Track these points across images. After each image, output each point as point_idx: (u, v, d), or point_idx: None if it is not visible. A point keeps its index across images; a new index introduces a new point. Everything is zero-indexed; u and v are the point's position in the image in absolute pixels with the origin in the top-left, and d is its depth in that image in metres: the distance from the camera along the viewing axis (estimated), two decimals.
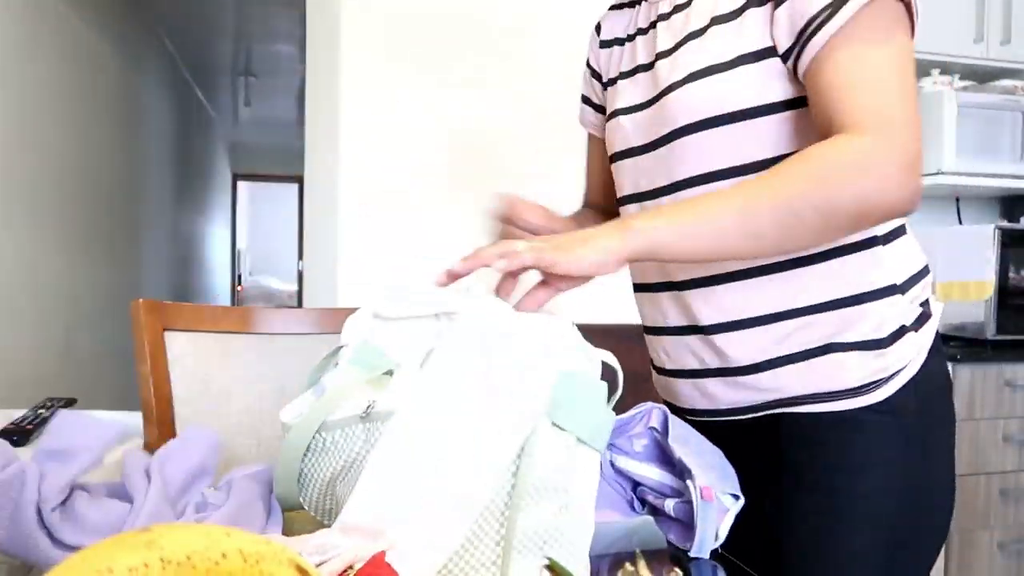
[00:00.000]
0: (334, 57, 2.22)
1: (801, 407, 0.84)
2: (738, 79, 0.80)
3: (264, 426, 1.27)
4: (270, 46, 5.47)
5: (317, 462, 0.72)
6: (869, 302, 0.82)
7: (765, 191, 0.72)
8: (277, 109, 7.24)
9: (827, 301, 0.82)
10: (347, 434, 0.70)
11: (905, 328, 0.83)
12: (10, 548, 0.64)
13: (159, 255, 5.03)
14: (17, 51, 2.63)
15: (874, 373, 0.81)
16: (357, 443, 0.69)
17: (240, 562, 0.32)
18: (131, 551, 0.29)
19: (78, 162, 3.27)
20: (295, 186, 9.05)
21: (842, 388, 0.82)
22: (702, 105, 0.82)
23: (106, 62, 3.68)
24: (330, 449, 0.71)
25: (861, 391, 0.82)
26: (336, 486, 0.71)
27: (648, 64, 0.91)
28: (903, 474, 0.82)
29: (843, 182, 0.70)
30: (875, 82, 0.72)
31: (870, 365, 0.81)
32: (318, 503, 0.74)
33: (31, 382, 2.73)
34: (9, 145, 2.58)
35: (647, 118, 0.90)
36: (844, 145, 0.71)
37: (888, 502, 0.82)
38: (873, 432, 0.82)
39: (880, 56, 0.72)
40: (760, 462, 0.86)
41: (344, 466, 0.70)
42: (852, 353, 0.81)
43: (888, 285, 0.82)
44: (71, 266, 3.19)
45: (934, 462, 0.85)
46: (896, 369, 0.82)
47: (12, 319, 2.63)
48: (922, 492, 0.83)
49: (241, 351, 1.28)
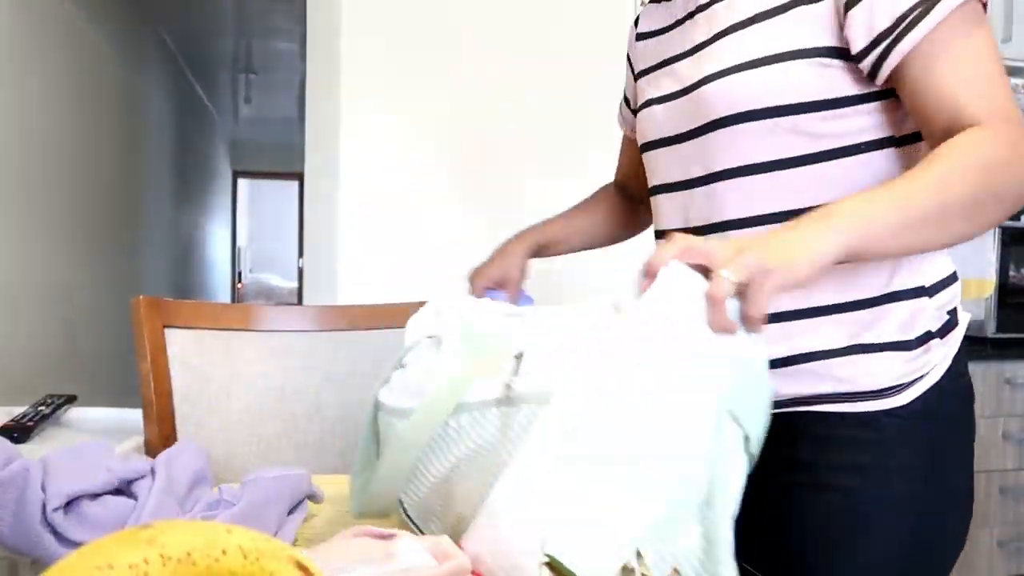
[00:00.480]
0: (335, 54, 2.21)
1: (822, 406, 0.82)
2: (781, 75, 0.79)
3: (265, 423, 1.27)
4: (271, 43, 5.46)
5: (434, 453, 0.63)
6: (895, 302, 0.81)
7: (953, 181, 0.69)
8: (277, 106, 7.23)
9: (853, 300, 0.81)
10: (476, 419, 0.62)
11: (931, 334, 0.82)
12: (15, 545, 0.65)
13: (159, 252, 5.02)
14: (18, 48, 2.63)
15: (899, 376, 0.80)
16: (488, 429, 0.61)
17: (240, 559, 0.32)
18: (131, 548, 0.29)
19: (79, 159, 3.27)
20: (295, 183, 9.04)
21: (866, 389, 0.81)
22: (741, 98, 0.81)
23: (107, 59, 3.68)
24: (452, 438, 0.62)
25: (885, 393, 0.80)
26: (452, 483, 0.62)
27: (685, 54, 0.91)
28: (923, 481, 0.81)
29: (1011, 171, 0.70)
30: (986, 76, 0.73)
31: (895, 367, 0.80)
32: (423, 503, 0.65)
33: (32, 379, 2.73)
34: (9, 142, 2.58)
35: (682, 107, 0.89)
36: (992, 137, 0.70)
37: (906, 509, 0.80)
38: (895, 437, 0.80)
39: (981, 50, 0.73)
40: (776, 460, 0.81)
41: (465, 456, 0.62)
42: (878, 354, 0.80)
43: (916, 287, 0.81)
44: (71, 263, 3.19)
45: (954, 471, 0.84)
46: (920, 374, 0.81)
47: (12, 316, 2.63)
48: (941, 501, 0.82)
49: (242, 348, 1.28)
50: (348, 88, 2.20)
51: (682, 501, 0.55)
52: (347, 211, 2.22)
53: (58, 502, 0.65)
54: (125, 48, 4.02)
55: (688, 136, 0.88)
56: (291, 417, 1.28)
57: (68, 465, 0.69)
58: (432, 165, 2.28)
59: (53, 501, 0.65)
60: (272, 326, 1.31)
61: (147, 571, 0.29)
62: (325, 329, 1.33)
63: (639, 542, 0.51)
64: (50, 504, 0.65)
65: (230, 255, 9.34)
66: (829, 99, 0.79)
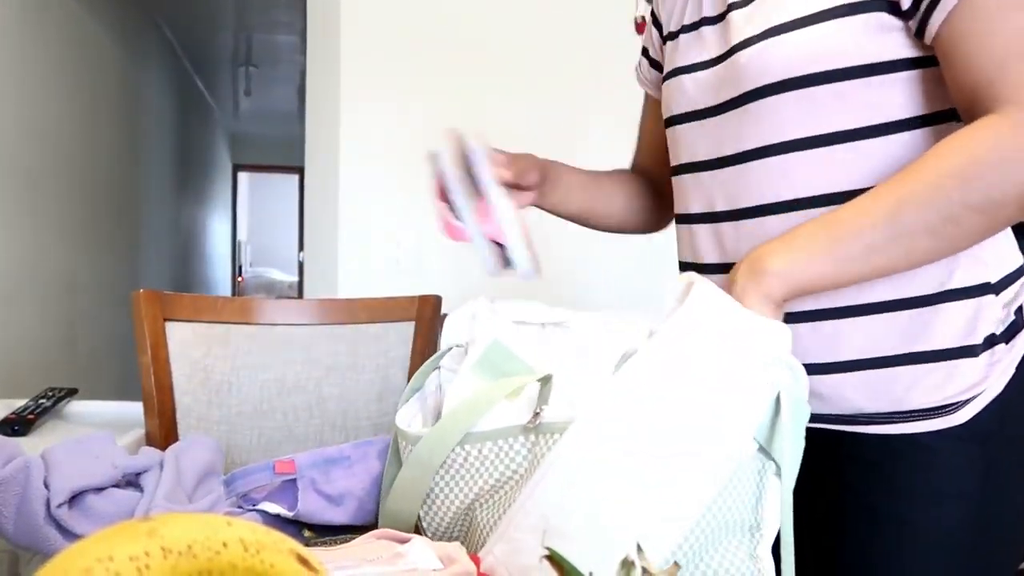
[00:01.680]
0: (335, 47, 2.21)
1: (865, 427, 0.73)
2: (829, 35, 0.69)
3: (265, 416, 1.27)
4: (271, 36, 5.45)
5: (456, 480, 0.61)
6: (950, 302, 0.70)
7: (911, 201, 0.63)
8: (278, 99, 7.22)
9: (897, 299, 0.71)
10: (501, 448, 0.59)
11: (995, 338, 0.71)
12: (19, 541, 0.65)
13: (159, 246, 5.02)
14: (18, 40, 2.62)
15: (953, 393, 0.70)
16: (516, 459, 0.58)
17: (241, 551, 0.32)
18: (132, 540, 0.29)
19: (78, 152, 3.27)
20: (296, 177, 9.04)
21: (912, 408, 0.71)
22: (783, 64, 0.71)
23: (107, 52, 3.67)
24: (475, 465, 0.60)
25: (935, 413, 0.71)
26: (476, 509, 0.61)
27: (717, 17, 0.80)
28: (979, 508, 0.71)
29: (1001, 174, 0.61)
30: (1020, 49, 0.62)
31: (955, 379, 0.70)
32: (448, 529, 0.63)
33: (32, 372, 2.73)
34: (9, 135, 2.58)
35: (713, 77, 0.79)
36: (989, 133, 0.62)
37: (961, 539, 0.71)
38: (949, 460, 0.71)
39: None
40: (816, 483, 0.73)
41: (494, 486, 0.59)
42: (925, 366, 0.70)
43: (979, 284, 0.70)
44: (72, 256, 3.19)
45: (1012, 494, 0.73)
46: (980, 389, 0.70)
47: (13, 309, 2.63)
48: (1000, 528, 0.73)
49: (242, 342, 1.28)
50: (348, 81, 2.20)
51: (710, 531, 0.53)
52: (347, 203, 2.22)
53: (62, 498, 0.65)
54: (125, 41, 4.01)
55: (717, 110, 0.79)
56: (292, 410, 1.28)
57: (71, 460, 0.69)
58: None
59: (57, 497, 0.65)
60: (272, 319, 1.31)
61: (148, 563, 0.29)
62: (325, 323, 1.33)
63: (640, 537, 0.51)
64: (54, 500, 0.65)
65: (230, 249, 9.34)
66: (878, 63, 0.69)
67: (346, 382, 1.31)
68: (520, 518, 0.53)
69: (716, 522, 0.53)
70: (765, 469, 0.57)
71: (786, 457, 0.55)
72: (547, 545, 0.58)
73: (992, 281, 0.71)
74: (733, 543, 0.55)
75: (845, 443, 0.74)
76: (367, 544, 0.57)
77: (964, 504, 0.71)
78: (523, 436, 0.58)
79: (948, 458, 0.71)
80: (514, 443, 0.58)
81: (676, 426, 0.53)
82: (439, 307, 1.36)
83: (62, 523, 0.64)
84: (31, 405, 1.30)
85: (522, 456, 0.58)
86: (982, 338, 0.70)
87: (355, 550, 0.55)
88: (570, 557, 0.37)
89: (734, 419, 0.54)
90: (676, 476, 0.53)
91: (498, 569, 0.54)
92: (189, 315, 1.25)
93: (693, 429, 0.53)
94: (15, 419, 1.22)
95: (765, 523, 0.57)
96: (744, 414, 0.54)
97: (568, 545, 0.49)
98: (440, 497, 0.62)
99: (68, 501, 0.66)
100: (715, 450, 0.54)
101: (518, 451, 0.58)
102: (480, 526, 0.60)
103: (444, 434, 0.60)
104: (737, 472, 0.54)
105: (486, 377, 0.62)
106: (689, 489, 0.53)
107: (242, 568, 0.32)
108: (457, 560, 0.50)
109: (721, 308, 0.57)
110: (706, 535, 0.53)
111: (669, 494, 0.52)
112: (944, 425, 0.70)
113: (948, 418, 0.70)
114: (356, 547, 0.57)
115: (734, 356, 0.55)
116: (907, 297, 0.70)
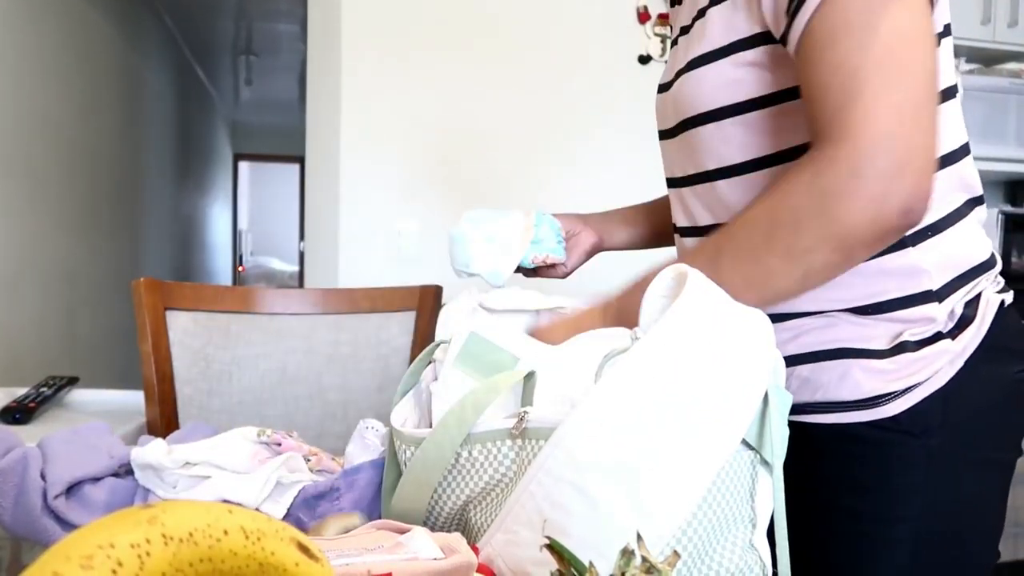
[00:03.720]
0: (335, 36, 2.20)
1: (809, 416, 0.76)
2: (735, 67, 0.71)
3: (266, 405, 1.27)
4: (271, 25, 5.43)
5: (451, 482, 0.61)
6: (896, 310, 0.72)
7: (727, 250, 0.65)
8: (278, 88, 7.20)
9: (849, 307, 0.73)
10: (490, 451, 0.59)
11: (939, 335, 0.72)
12: (17, 531, 0.65)
13: (160, 235, 5.02)
14: (18, 29, 2.61)
15: (886, 383, 0.72)
16: (504, 462, 0.58)
17: (242, 539, 0.32)
18: (133, 527, 0.29)
19: (79, 141, 3.26)
20: (296, 166, 9.02)
21: (851, 399, 0.73)
22: (704, 95, 0.74)
23: (107, 40, 3.65)
24: (465, 469, 0.60)
25: (870, 403, 0.72)
26: (470, 511, 0.61)
27: (674, 40, 0.85)
28: (925, 504, 0.71)
29: (800, 226, 0.61)
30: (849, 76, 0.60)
31: (883, 374, 0.72)
32: (444, 528, 0.64)
33: (33, 360, 2.73)
34: (9, 123, 2.57)
35: (666, 102, 0.83)
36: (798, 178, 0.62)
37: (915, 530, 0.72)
38: (890, 452, 0.72)
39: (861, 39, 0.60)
40: None
41: (484, 488, 0.60)
42: (862, 361, 0.72)
43: (920, 292, 0.72)
44: (72, 245, 3.19)
45: (971, 495, 0.73)
46: (913, 381, 0.71)
47: (14, 297, 2.63)
48: (955, 519, 0.72)
49: (242, 331, 1.28)
50: (349, 70, 2.19)
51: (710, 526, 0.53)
52: (348, 194, 2.22)
53: (59, 489, 0.65)
54: (125, 29, 4.00)
55: (671, 133, 0.83)
56: (292, 399, 1.28)
57: (68, 450, 0.70)
58: (434, 146, 2.27)
59: (54, 488, 0.65)
60: (273, 309, 1.31)
61: (148, 550, 0.29)
62: (326, 312, 1.33)
63: (639, 527, 0.51)
64: (51, 491, 0.65)
65: (231, 238, 9.34)
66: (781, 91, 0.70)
67: (347, 372, 1.31)
68: (517, 510, 0.54)
69: (715, 516, 0.53)
70: (756, 460, 0.57)
71: (776, 447, 0.56)
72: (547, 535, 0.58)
73: (934, 288, 0.72)
74: (731, 536, 0.55)
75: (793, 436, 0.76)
76: (367, 534, 0.57)
77: (907, 498, 0.72)
78: (510, 440, 0.58)
79: (889, 451, 0.72)
80: (501, 446, 0.58)
81: (675, 419, 0.53)
82: (440, 297, 1.36)
83: (59, 514, 0.65)
84: (32, 393, 1.31)
85: (510, 460, 0.58)
86: (919, 338, 0.72)
87: (355, 540, 0.55)
88: (570, 546, 0.37)
89: (731, 411, 0.54)
90: (674, 467, 0.52)
91: (496, 560, 0.54)
92: (190, 304, 1.25)
93: (692, 421, 0.53)
94: (16, 407, 1.22)
95: (759, 512, 0.57)
96: (741, 405, 0.54)
97: (567, 539, 0.50)
98: (438, 496, 0.62)
99: (65, 492, 0.66)
100: (713, 441, 0.54)
101: (506, 454, 0.58)
102: (475, 527, 0.61)
103: (448, 433, 0.59)
104: (732, 466, 0.54)
105: (469, 370, 0.62)
106: (686, 480, 0.53)
107: (243, 556, 0.32)
108: (457, 550, 0.50)
109: (715, 300, 0.57)
110: (706, 530, 0.53)
111: (667, 485, 0.52)
112: (877, 416, 0.72)
113: (880, 409, 0.72)
114: (356, 537, 0.57)
115: (729, 348, 0.55)
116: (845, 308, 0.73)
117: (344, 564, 0.47)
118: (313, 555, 0.35)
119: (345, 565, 0.46)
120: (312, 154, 2.35)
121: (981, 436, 0.73)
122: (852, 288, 0.72)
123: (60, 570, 0.27)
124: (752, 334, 0.57)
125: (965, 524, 0.74)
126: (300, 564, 0.34)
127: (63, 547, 0.28)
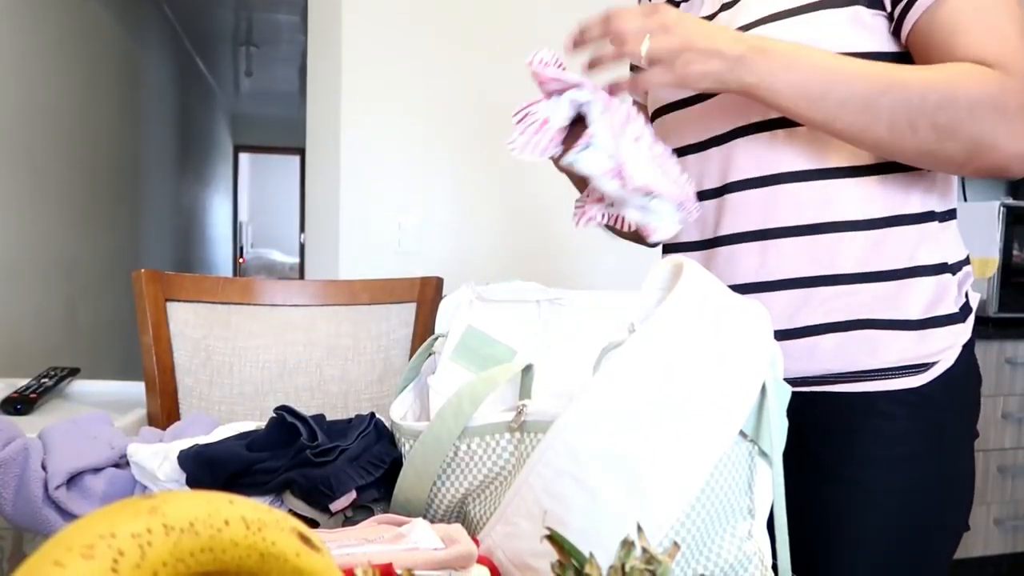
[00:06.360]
0: (336, 27, 2.19)
1: (832, 386, 0.79)
2: (818, 24, 0.75)
3: (266, 397, 1.27)
4: (272, 16, 5.41)
5: (450, 475, 0.61)
6: (917, 277, 0.77)
7: (896, 87, 0.68)
8: (279, 80, 7.18)
9: (872, 272, 0.77)
10: (489, 444, 0.59)
11: (953, 316, 0.78)
12: (19, 522, 0.65)
13: (161, 226, 5.02)
14: (17, 20, 2.60)
15: (912, 358, 0.77)
16: (503, 456, 0.59)
17: (243, 529, 0.32)
18: (134, 517, 0.29)
19: (79, 132, 3.26)
20: (297, 158, 9.00)
21: (875, 368, 0.77)
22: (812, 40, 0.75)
23: (107, 31, 3.64)
24: (464, 462, 0.60)
25: (895, 373, 0.77)
26: (469, 504, 0.62)
27: (711, 16, 0.86)
28: (926, 469, 0.78)
29: (975, 112, 0.66)
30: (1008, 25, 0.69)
31: (908, 348, 0.77)
32: (444, 520, 0.64)
33: (34, 351, 2.74)
34: (9, 115, 2.57)
35: None
36: (990, 75, 0.67)
37: (911, 499, 0.78)
38: (903, 425, 0.77)
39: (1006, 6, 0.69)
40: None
41: (483, 482, 0.60)
42: (890, 332, 0.77)
43: (940, 263, 0.78)
44: (73, 236, 3.19)
45: (956, 458, 0.81)
46: (936, 358, 0.78)
47: (15, 289, 2.63)
48: (943, 488, 0.79)
49: (243, 322, 1.28)
50: (350, 62, 2.19)
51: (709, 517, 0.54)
52: (349, 186, 2.22)
53: (59, 480, 0.65)
54: (125, 20, 3.98)
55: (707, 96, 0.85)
56: (293, 391, 1.29)
57: (68, 441, 0.70)
58: (435, 136, 2.27)
59: (55, 479, 0.65)
60: (274, 300, 1.31)
61: (150, 540, 0.29)
62: (327, 304, 1.33)
63: (639, 518, 0.51)
64: (51, 482, 0.65)
65: (231, 230, 9.33)
66: (867, 52, 0.74)
67: (347, 363, 1.31)
68: (517, 502, 0.54)
69: (714, 508, 0.54)
70: (753, 451, 0.57)
71: (775, 439, 0.56)
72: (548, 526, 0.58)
73: (949, 262, 0.79)
74: (730, 527, 0.55)
75: (805, 409, 0.78)
76: (369, 527, 0.57)
77: (915, 466, 0.78)
78: (508, 433, 0.58)
79: (902, 423, 0.77)
80: (500, 440, 0.59)
81: (673, 411, 0.53)
82: (440, 288, 1.35)
83: (61, 504, 0.65)
84: (33, 384, 1.31)
85: (508, 453, 0.58)
86: (938, 313, 0.78)
87: (357, 532, 0.56)
88: (569, 538, 0.37)
89: (729, 402, 0.54)
90: (672, 458, 0.52)
91: (496, 552, 0.55)
92: (190, 295, 1.25)
93: (689, 412, 0.53)
94: (17, 398, 1.22)
95: (757, 503, 0.58)
96: (738, 396, 0.55)
97: (566, 531, 0.49)
98: (437, 489, 0.62)
99: (66, 482, 0.66)
100: (711, 433, 0.54)
101: (504, 448, 0.58)
102: (474, 520, 0.61)
103: (447, 427, 0.59)
104: (730, 457, 0.54)
105: (466, 363, 0.63)
106: (684, 471, 0.53)
107: (244, 546, 0.32)
108: (458, 541, 0.51)
109: (711, 292, 0.57)
110: (704, 521, 0.53)
111: (665, 477, 0.52)
112: (899, 386, 0.77)
113: (903, 380, 0.77)
114: (358, 529, 0.57)
115: (727, 341, 0.55)
116: (878, 271, 0.77)
117: (345, 554, 0.47)
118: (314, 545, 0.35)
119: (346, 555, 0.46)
120: (313, 145, 2.34)
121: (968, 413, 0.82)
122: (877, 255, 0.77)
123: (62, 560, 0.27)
124: (749, 326, 0.57)
125: (952, 494, 0.80)
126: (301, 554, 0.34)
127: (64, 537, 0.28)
